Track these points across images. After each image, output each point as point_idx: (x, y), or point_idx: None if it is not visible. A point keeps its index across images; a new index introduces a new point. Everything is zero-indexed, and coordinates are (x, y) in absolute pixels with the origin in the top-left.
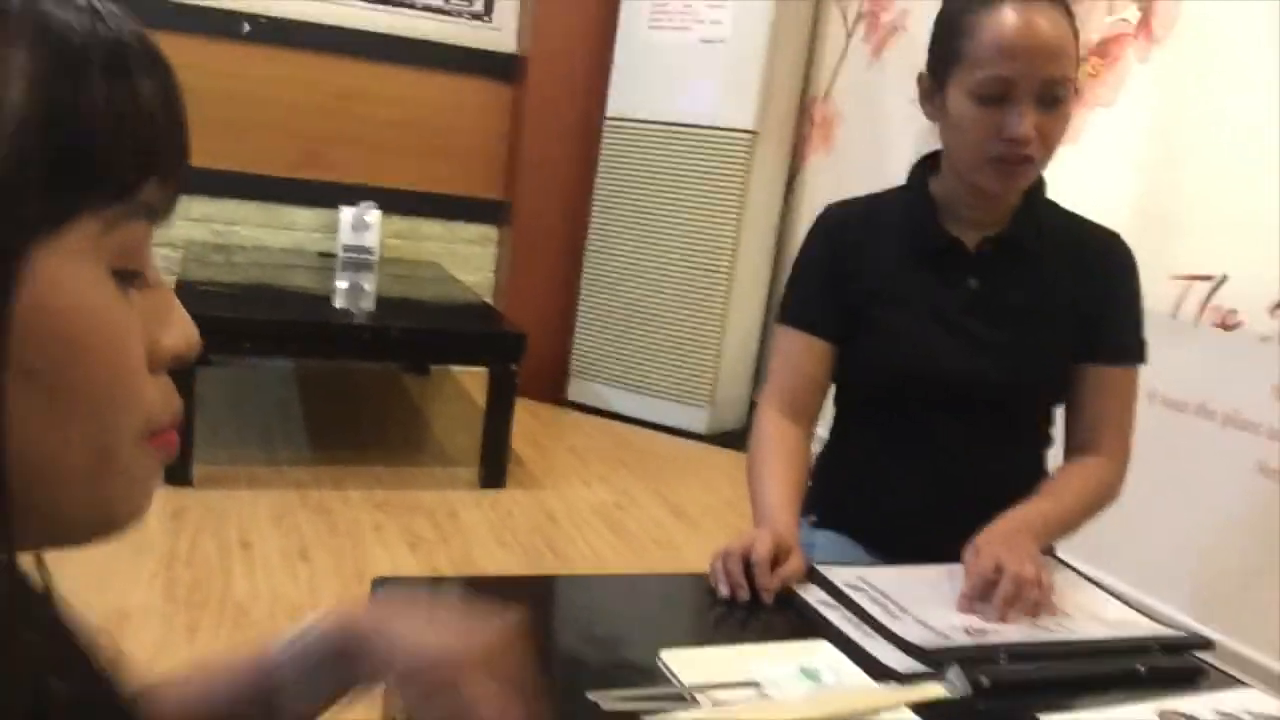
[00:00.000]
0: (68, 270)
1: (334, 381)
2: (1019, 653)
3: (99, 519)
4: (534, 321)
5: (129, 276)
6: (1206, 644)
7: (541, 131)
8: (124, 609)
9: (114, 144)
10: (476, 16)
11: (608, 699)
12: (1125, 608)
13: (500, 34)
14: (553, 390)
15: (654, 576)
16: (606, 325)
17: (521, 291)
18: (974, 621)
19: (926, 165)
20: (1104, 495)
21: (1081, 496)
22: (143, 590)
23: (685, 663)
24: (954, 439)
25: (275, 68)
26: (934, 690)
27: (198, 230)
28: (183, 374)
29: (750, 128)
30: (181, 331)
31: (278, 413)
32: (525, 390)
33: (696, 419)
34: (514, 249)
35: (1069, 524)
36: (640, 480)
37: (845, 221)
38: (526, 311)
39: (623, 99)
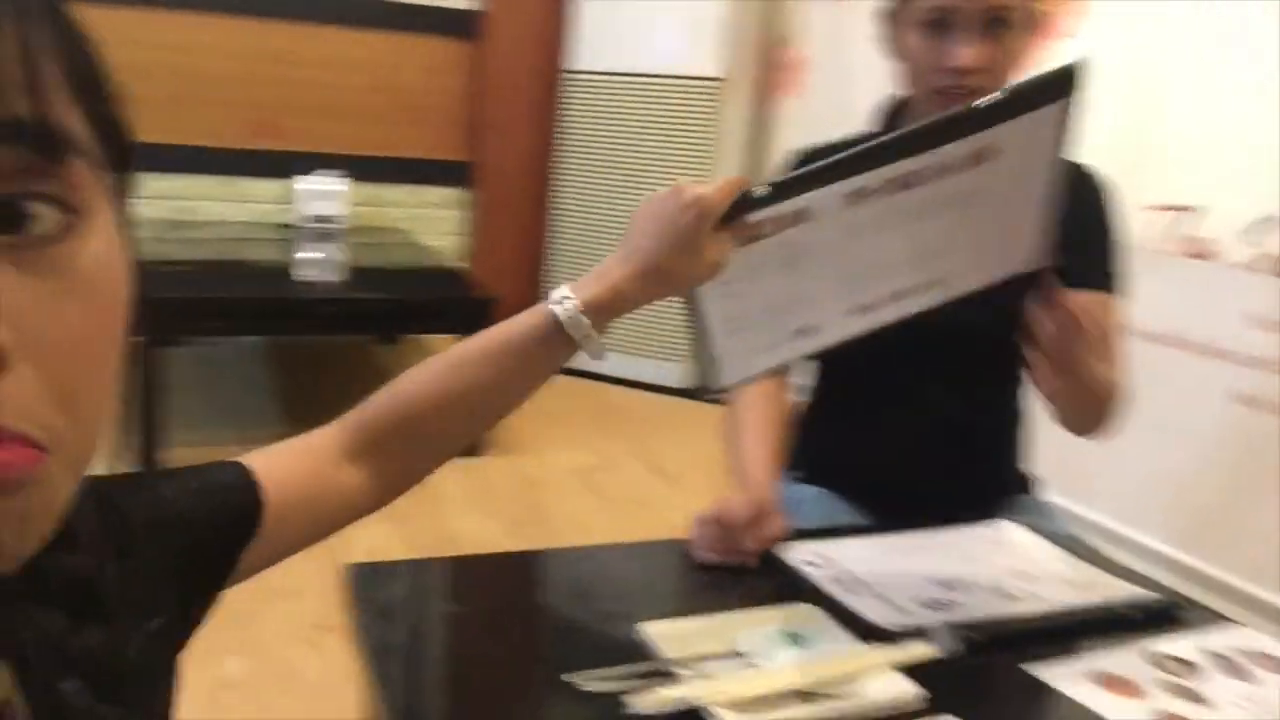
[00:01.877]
0: None
1: (303, 355)
2: (985, 631)
3: None
4: (505, 283)
5: None
6: (1177, 606)
7: (503, 88)
8: None
9: None
10: None
11: (587, 680)
12: (1091, 567)
13: None
14: None
15: (635, 545)
16: None
17: (491, 254)
18: (936, 593)
19: (895, 107)
20: (1119, 393)
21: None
22: None
23: (666, 635)
24: (936, 386)
25: (216, 36)
26: (921, 650)
27: (154, 209)
28: (151, 356)
29: (717, 75)
30: None
31: (248, 390)
32: None
33: (673, 374)
34: (481, 210)
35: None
36: (618, 440)
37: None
38: (497, 274)
39: (584, 51)
